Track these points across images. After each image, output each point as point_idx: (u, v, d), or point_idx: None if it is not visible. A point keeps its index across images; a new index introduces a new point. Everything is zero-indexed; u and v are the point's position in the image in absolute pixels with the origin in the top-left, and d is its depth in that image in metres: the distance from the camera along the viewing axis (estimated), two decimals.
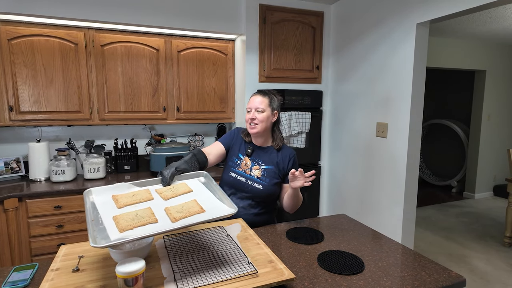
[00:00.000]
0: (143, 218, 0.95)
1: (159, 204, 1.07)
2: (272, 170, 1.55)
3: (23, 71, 2.25)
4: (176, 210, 1.01)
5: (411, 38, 2.10)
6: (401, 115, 2.21)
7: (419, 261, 1.15)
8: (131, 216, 0.96)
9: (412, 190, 2.24)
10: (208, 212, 1.00)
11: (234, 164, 1.57)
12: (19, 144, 2.55)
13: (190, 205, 1.03)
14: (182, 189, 1.15)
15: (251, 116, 1.51)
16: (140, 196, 1.09)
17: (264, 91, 1.57)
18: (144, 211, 1.00)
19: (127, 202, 1.05)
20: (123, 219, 0.94)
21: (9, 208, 2.05)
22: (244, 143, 1.61)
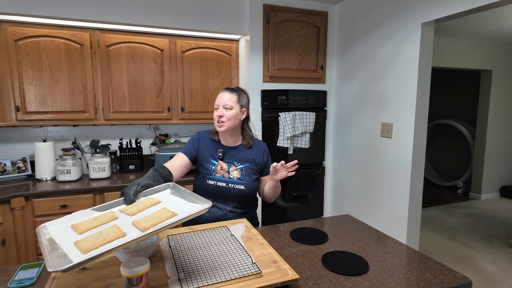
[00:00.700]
0: (109, 235, 0.84)
1: (125, 220, 0.95)
2: (249, 167, 1.52)
3: (29, 71, 2.28)
4: (145, 220, 0.91)
5: (416, 38, 2.09)
6: (406, 115, 2.19)
7: (424, 262, 1.15)
8: (95, 236, 0.85)
9: (417, 190, 2.23)
10: (181, 214, 0.91)
11: (209, 171, 1.48)
12: (26, 144, 2.58)
13: (161, 213, 0.94)
14: (149, 202, 1.05)
15: (219, 114, 1.45)
16: (103, 218, 0.96)
17: (232, 88, 1.52)
18: (109, 229, 0.89)
19: (89, 226, 0.92)
20: (86, 241, 0.83)
21: (15, 207, 2.08)
22: (213, 146, 1.52)
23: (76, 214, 1.01)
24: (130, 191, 1.09)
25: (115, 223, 0.93)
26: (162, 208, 0.98)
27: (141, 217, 0.94)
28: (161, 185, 1.18)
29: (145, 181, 1.16)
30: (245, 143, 1.55)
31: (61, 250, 0.81)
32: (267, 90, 2.69)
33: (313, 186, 2.93)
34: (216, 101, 1.48)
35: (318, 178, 2.98)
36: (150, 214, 0.95)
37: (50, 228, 0.93)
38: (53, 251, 0.82)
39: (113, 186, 2.31)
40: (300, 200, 2.94)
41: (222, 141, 1.54)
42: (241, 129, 1.55)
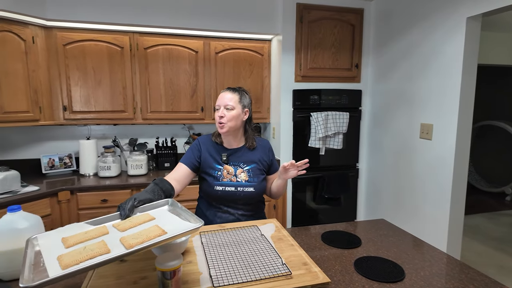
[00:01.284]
0: (93, 250, 0.81)
1: (114, 236, 0.91)
2: (256, 168, 1.48)
3: (76, 73, 2.44)
4: (133, 237, 0.87)
5: (460, 34, 1.96)
6: (448, 115, 2.07)
7: (466, 273, 1.07)
8: (78, 251, 0.82)
9: (459, 196, 2.09)
10: (169, 233, 0.86)
11: (215, 177, 1.43)
12: (71, 141, 2.77)
13: (150, 230, 0.90)
14: (143, 218, 1.01)
15: (220, 114, 1.39)
16: (94, 233, 0.93)
17: (234, 87, 1.46)
18: (95, 244, 0.85)
19: (77, 240, 0.89)
20: (68, 256, 0.80)
21: (62, 200, 2.24)
22: (216, 150, 1.47)
23: (70, 226, 0.98)
24: (126, 206, 1.05)
25: (103, 239, 0.89)
26: (153, 225, 0.94)
27: (131, 233, 0.90)
28: (159, 201, 1.14)
29: (143, 196, 1.12)
30: (248, 145, 1.50)
31: (43, 264, 0.79)
32: (298, 90, 2.67)
33: (346, 188, 2.86)
34: (217, 101, 1.43)
35: (351, 180, 2.90)
36: (140, 231, 0.91)
37: (41, 240, 0.91)
38: (36, 264, 0.81)
39: (149, 182, 2.40)
40: (331, 203, 2.88)
41: (225, 143, 1.49)
42: (243, 130, 1.51)
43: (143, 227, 0.94)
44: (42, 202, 2.14)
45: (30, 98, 2.29)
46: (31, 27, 2.26)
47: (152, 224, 0.96)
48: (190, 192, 2.52)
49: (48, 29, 2.35)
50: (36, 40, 2.29)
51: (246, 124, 1.50)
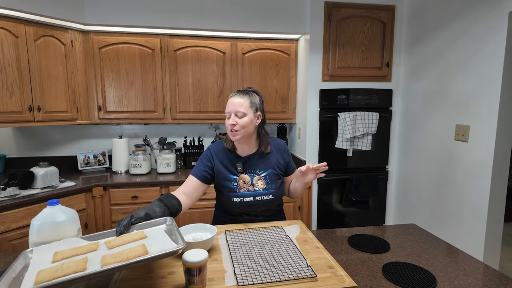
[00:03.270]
0: (69, 268, 0.80)
1: (99, 253, 0.90)
2: (273, 173, 1.42)
3: (110, 75, 2.56)
4: (113, 256, 0.85)
5: (501, 29, 1.84)
6: (487, 116, 1.94)
7: (505, 284, 1.00)
8: (55, 268, 0.82)
9: (498, 202, 1.96)
10: (149, 254, 0.84)
11: (231, 188, 1.37)
12: (105, 139, 2.90)
13: (133, 250, 0.88)
14: (134, 236, 0.98)
15: (231, 122, 1.31)
16: (83, 249, 0.93)
17: (243, 90, 1.37)
18: (74, 262, 0.84)
19: (64, 255, 0.90)
20: (45, 271, 0.81)
21: (96, 196, 2.35)
22: (229, 160, 1.40)
23: (66, 241, 1.00)
24: (122, 222, 1.03)
25: (87, 255, 0.89)
26: (140, 244, 0.91)
27: (114, 252, 0.89)
28: (158, 219, 1.10)
29: (142, 213, 1.10)
30: (262, 150, 1.42)
31: (22, 278, 0.81)
32: (326, 90, 2.62)
33: (374, 191, 2.77)
34: (227, 107, 1.34)
35: (380, 183, 2.81)
36: (123, 250, 0.89)
37: (35, 254, 0.93)
38: (16, 278, 0.82)
39: (178, 180, 2.48)
40: (359, 206, 2.80)
41: (238, 151, 1.42)
42: (256, 135, 1.42)
43: (129, 246, 0.92)
44: (78, 197, 2.26)
45: (69, 98, 2.43)
46: (71, 31, 2.40)
47: (139, 243, 0.93)
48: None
49: (86, 33, 2.49)
50: (74, 43, 2.43)
51: (259, 128, 1.42)
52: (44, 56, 2.26)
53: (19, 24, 2.12)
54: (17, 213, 1.95)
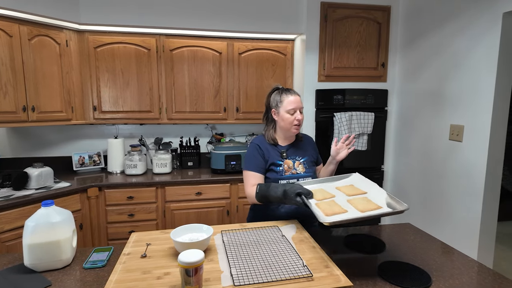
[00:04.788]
0: (336, 206, 1.14)
1: (343, 198, 1.21)
2: (309, 160, 1.57)
3: (105, 75, 2.54)
4: (360, 203, 1.15)
5: (495, 30, 1.85)
6: (481, 116, 1.96)
7: (500, 283, 1.01)
8: (328, 203, 1.16)
9: (492, 201, 1.98)
10: (384, 209, 1.09)
11: (278, 173, 1.49)
12: (100, 140, 2.88)
13: (369, 203, 1.15)
14: (357, 191, 1.29)
15: (298, 117, 1.46)
16: (327, 194, 1.26)
17: (293, 89, 1.54)
18: (332, 203, 1.17)
19: (317, 197, 1.24)
20: (322, 205, 1.16)
21: (91, 196, 2.34)
22: (273, 148, 1.53)
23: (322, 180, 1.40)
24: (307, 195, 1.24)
25: (333, 199, 1.21)
26: (367, 198, 1.20)
27: (353, 198, 1.20)
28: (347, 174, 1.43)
29: (305, 190, 1.26)
30: (298, 139, 1.60)
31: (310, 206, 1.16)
32: (322, 90, 2.63)
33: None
34: (290, 104, 1.46)
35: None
36: (359, 199, 1.19)
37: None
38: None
39: (173, 180, 2.47)
40: None
41: (280, 142, 1.55)
42: None
43: (360, 197, 1.23)
44: (73, 197, 2.25)
45: (64, 98, 2.41)
46: (66, 31, 2.39)
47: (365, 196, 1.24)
48: (214, 191, 2.56)
49: (81, 33, 2.47)
50: (69, 43, 2.41)
51: None
52: (38, 56, 2.24)
53: (14, 24, 2.10)
54: (11, 214, 1.93)
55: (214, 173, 2.66)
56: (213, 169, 2.69)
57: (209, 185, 2.53)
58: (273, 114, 1.54)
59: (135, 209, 2.43)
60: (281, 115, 1.49)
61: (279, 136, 1.55)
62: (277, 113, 1.51)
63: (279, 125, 1.53)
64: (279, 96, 1.50)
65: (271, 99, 1.54)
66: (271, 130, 1.55)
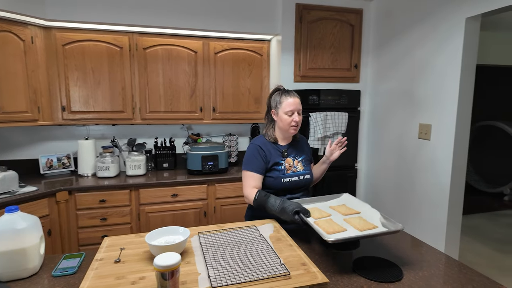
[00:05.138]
0: (336, 225, 1.18)
1: (339, 217, 1.27)
2: (306, 158, 1.65)
3: (75, 74, 2.44)
4: (357, 222, 1.19)
5: (459, 34, 1.96)
6: (447, 116, 2.07)
7: (464, 273, 1.07)
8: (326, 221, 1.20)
9: (457, 196, 2.09)
10: (380, 228, 1.14)
11: (281, 171, 1.55)
12: (70, 141, 2.76)
13: (366, 223, 1.19)
14: (350, 211, 1.33)
15: (296, 119, 1.52)
16: (323, 213, 1.31)
17: (292, 91, 1.58)
18: (330, 221, 1.22)
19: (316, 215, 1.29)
20: (322, 222, 1.19)
21: (60, 200, 2.23)
22: (273, 148, 1.58)
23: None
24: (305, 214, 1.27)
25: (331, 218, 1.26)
26: (362, 218, 1.23)
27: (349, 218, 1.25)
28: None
29: (296, 207, 1.27)
30: (295, 139, 1.66)
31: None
32: (298, 90, 2.65)
33: (345, 189, 2.86)
34: (289, 106, 1.52)
35: (350, 181, 2.90)
36: (355, 218, 1.23)
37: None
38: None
39: (148, 182, 2.41)
40: None
41: (280, 141, 1.61)
42: None
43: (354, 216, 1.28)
44: (40, 202, 2.13)
45: (29, 98, 2.28)
46: (30, 27, 2.26)
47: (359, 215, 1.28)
48: (191, 192, 2.53)
49: (47, 29, 2.35)
50: (35, 40, 2.29)
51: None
52: (1, 53, 2.11)
53: None
54: None
55: (190, 174, 2.63)
56: (190, 170, 2.65)
57: (185, 186, 2.49)
58: (272, 114, 1.59)
59: (108, 213, 2.35)
60: (279, 115, 1.54)
61: (279, 136, 1.61)
62: (276, 114, 1.56)
63: (277, 125, 1.58)
64: (279, 97, 1.55)
65: (272, 100, 1.59)
66: (271, 129, 1.61)
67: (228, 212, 2.62)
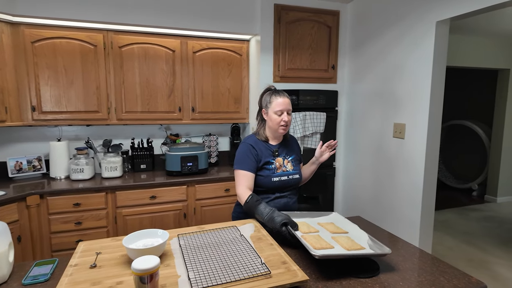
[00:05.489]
0: (323, 241, 1.16)
1: (327, 235, 1.25)
2: (295, 158, 1.66)
3: (45, 72, 2.33)
4: (345, 241, 1.17)
5: (430, 37, 2.05)
6: (420, 115, 2.15)
7: (437, 266, 1.12)
8: (314, 237, 1.19)
9: (430, 192, 2.18)
10: (367, 249, 1.12)
11: (271, 170, 1.56)
12: (41, 143, 2.64)
13: (354, 243, 1.16)
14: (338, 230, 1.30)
15: (285, 119, 1.53)
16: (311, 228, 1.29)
17: (282, 91, 1.59)
18: (318, 237, 1.20)
19: (304, 230, 1.27)
20: (309, 237, 1.18)
21: (31, 205, 2.13)
22: (265, 147, 1.59)
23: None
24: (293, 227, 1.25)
25: (319, 234, 1.24)
26: (350, 238, 1.21)
27: (337, 236, 1.23)
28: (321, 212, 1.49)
29: (282, 219, 1.25)
30: (285, 138, 1.67)
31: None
32: None
33: (324, 187, 2.91)
34: (278, 106, 1.53)
35: (328, 180, 2.95)
36: (343, 237, 1.21)
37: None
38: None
39: (125, 185, 2.34)
40: (310, 201, 2.92)
41: (271, 141, 1.62)
42: None
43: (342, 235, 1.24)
44: (9, 207, 2.03)
45: None
46: None
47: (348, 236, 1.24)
48: (170, 194, 2.49)
49: (15, 25, 2.24)
50: (1, 36, 2.17)
51: None
52: None
53: None
54: None
55: (169, 176, 2.58)
56: (168, 171, 2.61)
57: (164, 188, 2.45)
58: (263, 114, 1.61)
59: (83, 217, 2.27)
60: (269, 115, 1.56)
61: (269, 135, 1.62)
62: (266, 113, 1.58)
63: (268, 125, 1.59)
64: (269, 97, 1.57)
65: (263, 100, 1.61)
66: (262, 128, 1.62)
67: (208, 213, 2.60)
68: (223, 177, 2.61)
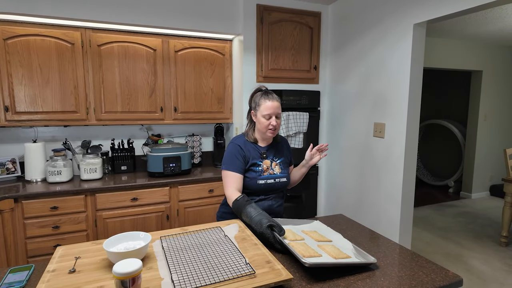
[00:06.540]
0: (311, 249, 1.14)
1: (313, 243, 1.23)
2: (284, 161, 1.64)
3: (19, 71, 2.24)
4: (331, 250, 1.16)
5: (408, 39, 2.11)
6: (399, 115, 2.21)
7: (416, 261, 1.16)
8: (300, 244, 1.18)
9: (409, 190, 2.25)
10: (353, 258, 1.12)
11: (258, 172, 1.54)
12: (15, 144, 2.53)
13: (340, 252, 1.15)
14: (323, 238, 1.29)
15: (273, 123, 1.49)
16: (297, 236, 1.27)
17: (272, 93, 1.54)
18: (304, 245, 1.18)
19: (290, 237, 1.24)
20: (296, 245, 1.17)
21: (4, 209, 2.04)
22: (253, 149, 1.57)
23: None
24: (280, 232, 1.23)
25: (305, 242, 1.22)
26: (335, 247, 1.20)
27: (323, 244, 1.21)
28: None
29: (268, 222, 1.24)
30: (275, 141, 1.64)
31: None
32: None
33: (307, 186, 2.94)
34: (267, 110, 1.49)
35: (311, 178, 2.99)
36: (328, 245, 1.20)
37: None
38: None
39: (105, 187, 2.28)
40: (294, 200, 2.94)
41: (260, 143, 1.60)
42: None
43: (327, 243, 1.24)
44: None
45: None
46: None
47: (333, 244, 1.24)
48: (152, 196, 2.45)
49: None
50: None
51: None
52: None
53: None
54: None
55: (151, 177, 2.54)
56: (150, 173, 2.56)
57: (146, 189, 2.40)
58: (252, 115, 1.57)
59: (61, 221, 2.19)
60: (258, 118, 1.52)
61: (258, 137, 1.59)
62: (255, 115, 1.54)
63: (256, 127, 1.57)
64: (258, 99, 1.52)
65: (252, 101, 1.57)
66: (251, 129, 1.60)
67: (192, 214, 2.57)
68: (207, 178, 2.58)
